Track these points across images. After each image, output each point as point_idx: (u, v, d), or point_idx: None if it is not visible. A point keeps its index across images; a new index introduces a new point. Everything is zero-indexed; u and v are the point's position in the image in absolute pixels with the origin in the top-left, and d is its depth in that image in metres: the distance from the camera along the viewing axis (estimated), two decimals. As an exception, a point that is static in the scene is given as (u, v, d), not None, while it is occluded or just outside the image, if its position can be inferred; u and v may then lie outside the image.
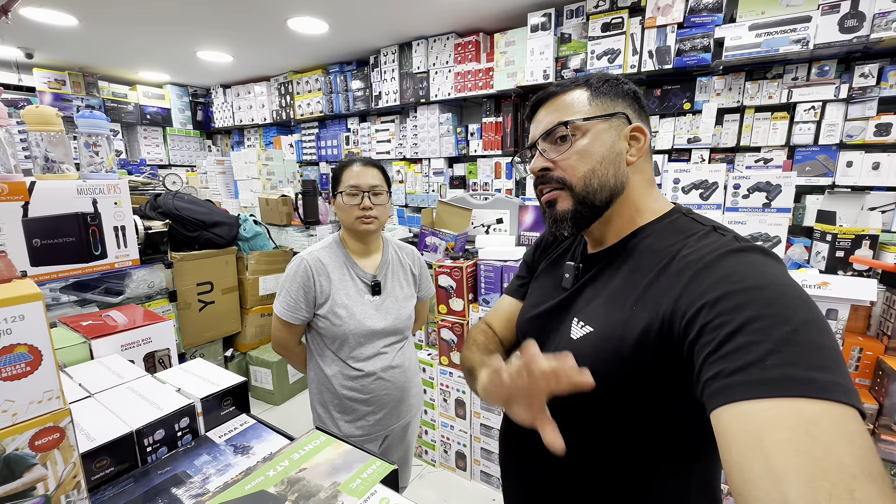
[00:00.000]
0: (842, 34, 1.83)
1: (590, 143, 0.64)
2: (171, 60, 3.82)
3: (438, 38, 3.07)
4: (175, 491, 0.61)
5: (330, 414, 1.26)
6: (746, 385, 0.41)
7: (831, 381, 0.39)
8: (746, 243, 0.53)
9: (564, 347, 0.64)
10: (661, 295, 0.54)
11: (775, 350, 0.41)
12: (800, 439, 0.36)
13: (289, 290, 1.21)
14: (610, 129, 0.64)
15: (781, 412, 0.38)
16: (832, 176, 2.06)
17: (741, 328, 0.43)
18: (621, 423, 0.61)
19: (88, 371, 0.84)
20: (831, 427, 0.37)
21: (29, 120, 1.26)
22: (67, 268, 1.36)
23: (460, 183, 3.29)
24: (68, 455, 0.41)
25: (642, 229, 0.64)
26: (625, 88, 0.67)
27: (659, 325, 0.52)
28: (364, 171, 1.22)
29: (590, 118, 0.64)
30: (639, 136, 0.65)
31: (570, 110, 0.65)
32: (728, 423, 0.41)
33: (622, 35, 2.34)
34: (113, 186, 1.44)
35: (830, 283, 1.36)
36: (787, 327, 0.42)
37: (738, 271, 0.48)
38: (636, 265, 0.61)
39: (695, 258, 0.53)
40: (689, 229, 0.60)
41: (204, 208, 2.53)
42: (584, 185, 0.64)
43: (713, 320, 0.46)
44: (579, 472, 0.65)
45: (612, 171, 0.64)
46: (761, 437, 0.38)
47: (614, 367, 0.57)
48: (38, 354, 0.38)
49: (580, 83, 0.67)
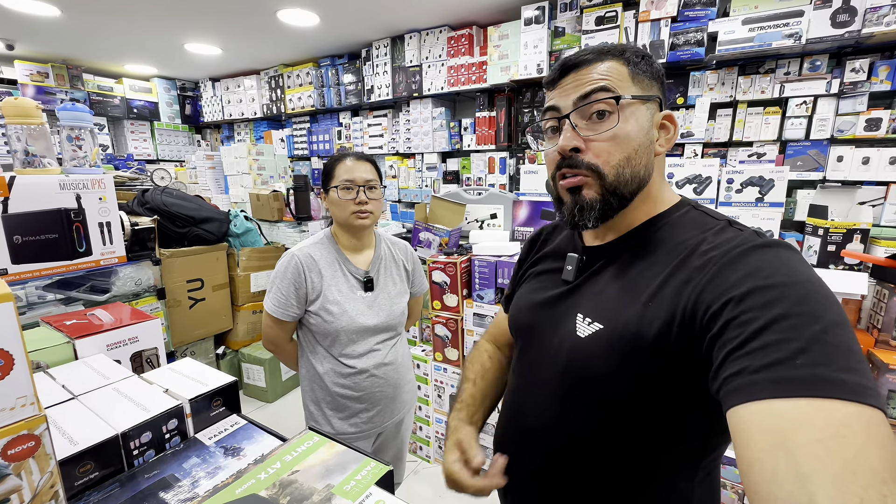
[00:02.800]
0: (834, 29, 1.84)
1: (630, 126, 0.57)
2: (158, 53, 3.73)
3: (431, 32, 3.03)
4: (163, 495, 0.59)
5: (322, 411, 1.24)
6: (774, 383, 0.39)
7: (861, 383, 0.38)
8: (770, 238, 0.52)
9: (571, 346, 0.62)
10: (681, 289, 0.52)
11: (806, 349, 0.40)
12: (830, 440, 0.35)
13: (279, 287, 1.18)
14: (647, 113, 0.59)
15: (811, 412, 0.37)
16: (823, 171, 2.07)
17: (770, 325, 0.42)
18: (628, 420, 0.59)
19: (72, 372, 0.82)
20: (862, 430, 0.36)
21: (7, 112, 1.21)
22: (51, 265, 1.32)
23: (454, 178, 3.27)
24: (44, 464, 0.39)
25: (653, 221, 0.62)
26: (658, 69, 0.61)
27: (680, 319, 0.51)
28: (358, 165, 1.20)
29: (635, 97, 0.57)
30: (668, 126, 0.62)
31: (612, 83, 0.57)
32: (750, 421, 0.40)
33: (616, 29, 2.33)
34: (97, 181, 1.40)
35: (822, 277, 1.37)
36: (817, 326, 0.41)
37: (766, 267, 0.47)
38: (649, 259, 0.59)
39: (718, 253, 0.51)
40: (704, 223, 0.58)
41: (193, 204, 2.49)
42: (616, 175, 0.58)
43: (739, 316, 0.44)
44: (582, 467, 0.64)
45: (644, 161, 0.59)
46: (788, 436, 0.37)
47: (628, 365, 0.56)
48: (9, 359, 0.35)
49: (616, 53, 0.59)
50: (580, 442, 0.63)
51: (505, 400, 0.79)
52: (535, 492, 0.69)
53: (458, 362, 1.98)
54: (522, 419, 0.71)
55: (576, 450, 0.64)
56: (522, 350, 0.75)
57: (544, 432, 0.67)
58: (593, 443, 0.62)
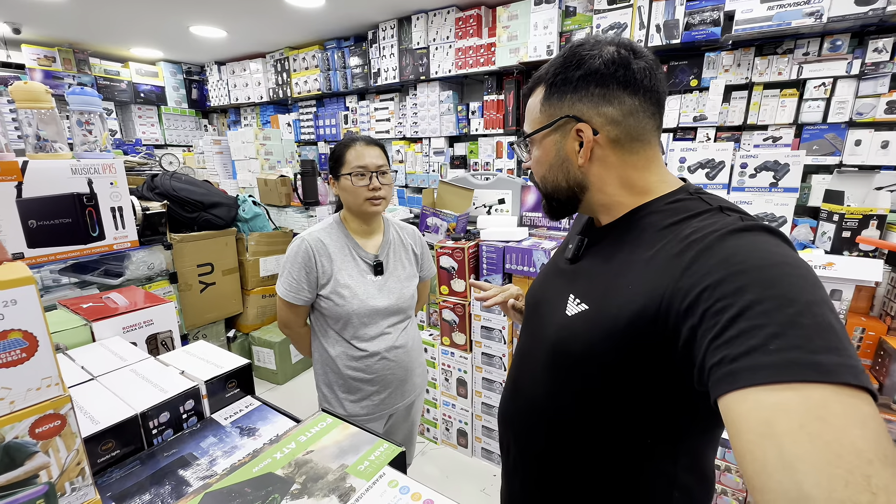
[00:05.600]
0: (857, 6, 1.77)
1: (539, 153, 0.67)
2: (164, 36, 3.71)
3: (439, 12, 2.97)
4: (182, 473, 0.61)
5: (335, 394, 1.27)
6: (750, 371, 0.39)
7: (839, 363, 0.38)
8: (752, 222, 0.50)
9: (559, 322, 0.64)
10: (661, 275, 0.52)
11: (780, 333, 0.39)
12: (811, 425, 0.35)
13: (290, 271, 1.19)
14: (555, 136, 0.64)
15: (790, 397, 0.37)
16: (840, 155, 2.02)
17: (743, 312, 0.42)
18: (605, 401, 0.60)
19: (90, 353, 0.84)
20: (842, 410, 0.36)
21: (18, 96, 1.22)
22: (65, 249, 1.34)
23: (461, 163, 3.25)
24: (70, 442, 0.40)
25: (643, 207, 0.62)
26: (580, 74, 0.59)
27: (657, 305, 0.51)
28: (369, 150, 1.19)
29: (537, 131, 0.65)
30: (580, 138, 0.61)
31: (528, 120, 0.68)
32: (737, 411, 0.40)
33: (629, 8, 2.26)
34: (108, 166, 1.41)
35: (836, 263, 1.35)
36: (791, 309, 0.40)
37: (739, 252, 0.47)
38: (636, 243, 0.59)
39: (696, 238, 0.51)
40: (693, 209, 0.57)
41: (202, 189, 2.50)
42: (543, 187, 0.69)
43: (714, 304, 0.44)
44: (567, 445, 0.66)
45: (561, 177, 0.65)
46: (772, 424, 0.37)
47: (605, 347, 0.57)
48: (33, 340, 0.36)
49: (543, 78, 0.65)
50: (565, 421, 0.65)
51: (508, 372, 0.83)
52: (535, 469, 0.72)
53: (466, 346, 2.00)
54: (520, 392, 0.74)
55: (562, 428, 0.66)
56: (525, 321, 0.79)
57: (539, 408, 0.69)
58: (575, 422, 0.64)
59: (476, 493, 1.91)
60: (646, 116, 0.60)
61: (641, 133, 0.61)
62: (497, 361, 1.94)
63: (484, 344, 1.95)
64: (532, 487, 0.72)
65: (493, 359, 1.94)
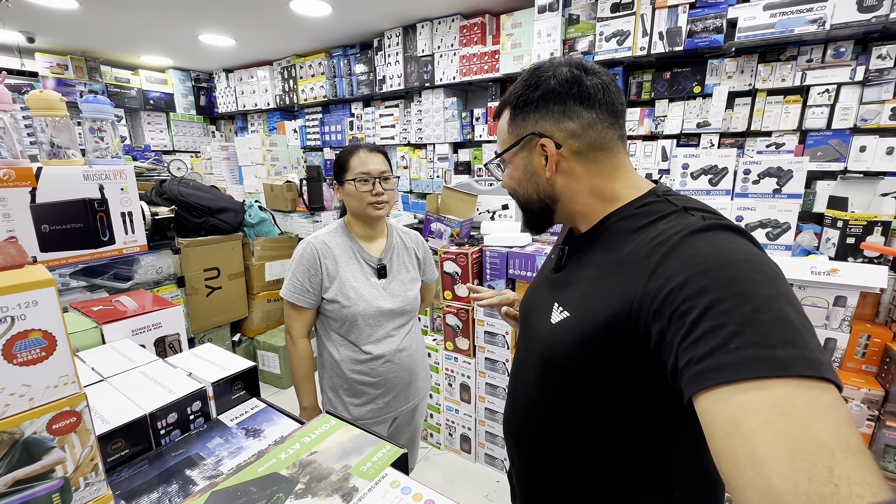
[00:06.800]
0: (860, 14, 1.77)
1: (511, 170, 0.71)
2: (173, 44, 3.77)
3: (443, 20, 3.01)
4: (189, 472, 0.62)
5: (340, 398, 1.28)
6: (715, 371, 0.40)
7: (797, 356, 0.38)
8: (713, 221, 0.51)
9: (545, 330, 0.66)
10: (631, 279, 0.53)
11: (739, 331, 0.40)
12: (776, 421, 0.36)
13: (295, 273, 1.22)
14: (523, 153, 0.68)
15: (753, 394, 0.38)
16: (844, 161, 2.02)
17: (705, 313, 0.43)
18: (588, 406, 0.62)
19: (101, 355, 0.86)
20: (804, 404, 0.36)
21: (33, 105, 1.25)
22: (76, 253, 1.37)
23: (465, 168, 3.27)
24: (85, 438, 0.42)
25: (614, 213, 0.64)
26: (539, 94, 0.63)
27: (628, 309, 0.52)
28: (372, 157, 1.23)
29: (506, 150, 0.69)
30: (544, 152, 0.64)
31: (498, 141, 0.73)
32: (708, 411, 0.40)
33: (632, 16, 2.28)
34: (119, 172, 1.44)
35: (840, 269, 1.35)
36: (748, 306, 0.41)
37: (699, 253, 0.48)
38: (608, 249, 0.61)
39: (661, 241, 0.52)
40: (660, 211, 0.58)
41: (209, 194, 2.53)
42: (517, 199, 0.73)
43: (679, 307, 0.45)
44: (560, 451, 0.67)
45: (531, 190, 0.69)
46: (739, 423, 0.38)
47: (583, 352, 0.58)
48: (52, 340, 0.38)
49: (508, 101, 0.69)
50: (556, 428, 0.67)
51: (509, 381, 0.85)
52: (537, 475, 0.73)
53: (469, 351, 2.00)
54: (517, 401, 0.76)
55: (555, 435, 0.67)
56: (520, 330, 0.82)
57: (533, 416, 0.71)
58: (565, 429, 0.65)
59: (479, 500, 1.91)
60: (605, 127, 0.63)
61: (603, 143, 0.63)
62: (500, 366, 1.94)
63: (487, 349, 1.96)
64: (537, 492, 0.73)
65: (497, 364, 1.95)
